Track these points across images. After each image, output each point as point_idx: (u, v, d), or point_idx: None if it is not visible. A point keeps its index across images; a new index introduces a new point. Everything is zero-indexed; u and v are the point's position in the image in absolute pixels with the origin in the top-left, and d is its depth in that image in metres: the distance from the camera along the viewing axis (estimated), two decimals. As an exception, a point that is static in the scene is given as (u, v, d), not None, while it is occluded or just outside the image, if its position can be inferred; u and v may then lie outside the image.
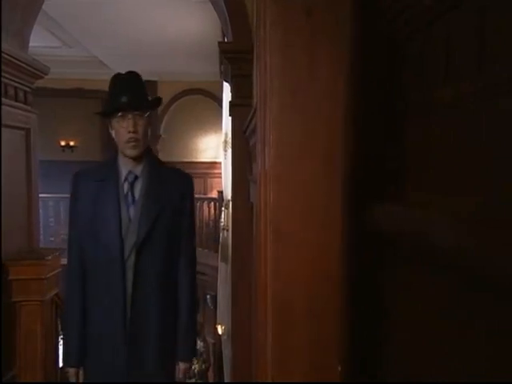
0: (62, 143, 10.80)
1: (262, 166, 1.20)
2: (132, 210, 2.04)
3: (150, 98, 2.14)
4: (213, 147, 11.41)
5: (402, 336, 0.85)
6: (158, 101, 2.26)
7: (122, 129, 1.99)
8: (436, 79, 0.72)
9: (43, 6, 3.68)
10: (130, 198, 2.05)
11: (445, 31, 0.70)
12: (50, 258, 3.27)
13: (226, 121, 4.66)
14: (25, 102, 3.53)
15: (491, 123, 0.56)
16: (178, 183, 2.16)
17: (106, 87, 2.09)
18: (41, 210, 5.68)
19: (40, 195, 4.03)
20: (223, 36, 4.94)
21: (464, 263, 0.58)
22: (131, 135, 1.99)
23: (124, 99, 1.98)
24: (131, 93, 2.01)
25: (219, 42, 3.62)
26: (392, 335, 0.90)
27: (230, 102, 3.70)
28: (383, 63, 0.94)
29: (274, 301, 1.10)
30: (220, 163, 7.91)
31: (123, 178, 2.07)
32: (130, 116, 1.98)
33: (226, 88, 4.34)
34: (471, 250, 0.54)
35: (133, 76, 2.08)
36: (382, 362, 0.94)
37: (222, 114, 5.91)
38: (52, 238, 8.97)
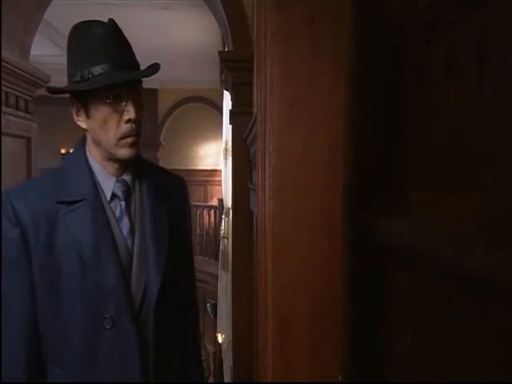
0: (63, 151, 10.82)
1: (263, 175, 1.20)
2: (129, 243, 1.28)
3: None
4: (213, 155, 11.46)
5: (404, 347, 0.85)
6: (157, 68, 1.31)
7: (115, 116, 1.21)
8: (438, 81, 0.73)
9: (44, 15, 3.70)
10: (126, 225, 1.28)
11: (447, 37, 0.70)
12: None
13: (227, 129, 4.67)
14: (26, 111, 3.54)
15: (496, 120, 0.56)
16: (175, 194, 1.45)
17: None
18: (41, 218, 5.67)
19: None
20: (224, 44, 4.96)
21: (467, 274, 0.58)
22: (131, 126, 1.22)
23: (120, 69, 1.20)
24: (128, 58, 1.25)
25: (219, 51, 3.64)
26: (393, 344, 0.90)
27: (230, 110, 3.71)
28: (385, 70, 0.94)
29: (275, 309, 1.10)
30: (220, 171, 7.92)
31: (109, 193, 1.28)
32: (125, 96, 1.21)
33: (227, 96, 4.36)
34: (473, 262, 0.54)
35: (116, 29, 1.25)
36: (384, 374, 0.93)
37: (223, 122, 5.93)
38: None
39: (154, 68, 1.31)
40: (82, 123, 1.28)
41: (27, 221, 1.19)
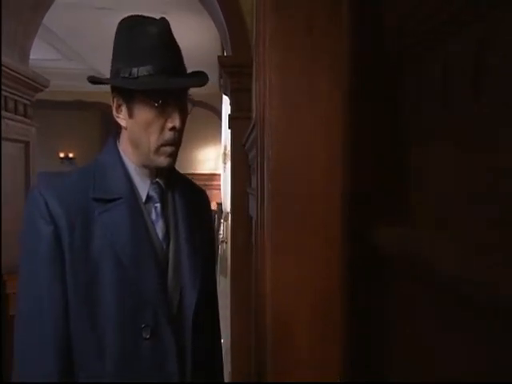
0: (61, 155, 10.82)
1: (261, 180, 1.20)
2: (165, 247, 1.23)
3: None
4: (212, 159, 11.46)
5: (404, 347, 0.85)
6: (206, 78, 1.26)
7: (159, 121, 1.16)
8: (438, 81, 0.73)
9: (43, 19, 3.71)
10: (161, 229, 1.23)
11: (447, 39, 0.70)
12: (48, 270, 3.25)
13: (226, 133, 4.68)
14: (24, 115, 3.54)
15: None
16: (201, 203, 1.43)
17: (105, 100, 1.64)
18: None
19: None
20: (223, 49, 4.97)
21: (466, 288, 0.58)
22: (174, 134, 1.19)
23: (170, 73, 1.15)
24: (178, 62, 1.20)
25: (218, 56, 3.65)
26: (393, 344, 0.90)
27: (229, 115, 3.72)
28: (384, 71, 0.95)
29: (274, 314, 1.09)
30: (219, 175, 7.92)
31: (144, 194, 1.23)
32: (173, 102, 1.17)
33: (226, 101, 4.37)
34: (474, 276, 0.55)
35: (168, 31, 1.21)
36: (384, 374, 0.93)
37: (222, 126, 5.94)
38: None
39: (204, 76, 1.25)
40: (122, 121, 1.20)
41: (61, 217, 1.11)
